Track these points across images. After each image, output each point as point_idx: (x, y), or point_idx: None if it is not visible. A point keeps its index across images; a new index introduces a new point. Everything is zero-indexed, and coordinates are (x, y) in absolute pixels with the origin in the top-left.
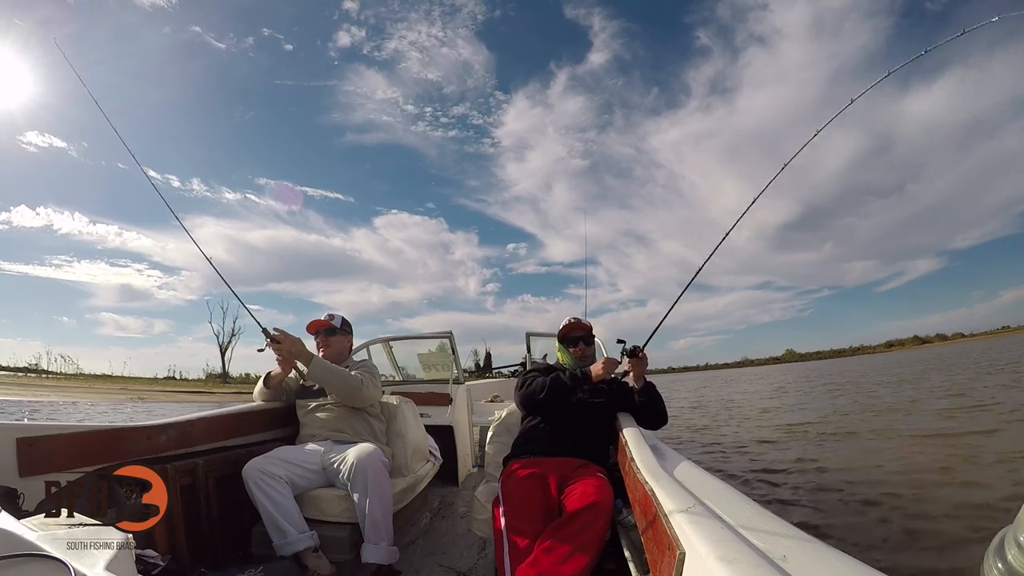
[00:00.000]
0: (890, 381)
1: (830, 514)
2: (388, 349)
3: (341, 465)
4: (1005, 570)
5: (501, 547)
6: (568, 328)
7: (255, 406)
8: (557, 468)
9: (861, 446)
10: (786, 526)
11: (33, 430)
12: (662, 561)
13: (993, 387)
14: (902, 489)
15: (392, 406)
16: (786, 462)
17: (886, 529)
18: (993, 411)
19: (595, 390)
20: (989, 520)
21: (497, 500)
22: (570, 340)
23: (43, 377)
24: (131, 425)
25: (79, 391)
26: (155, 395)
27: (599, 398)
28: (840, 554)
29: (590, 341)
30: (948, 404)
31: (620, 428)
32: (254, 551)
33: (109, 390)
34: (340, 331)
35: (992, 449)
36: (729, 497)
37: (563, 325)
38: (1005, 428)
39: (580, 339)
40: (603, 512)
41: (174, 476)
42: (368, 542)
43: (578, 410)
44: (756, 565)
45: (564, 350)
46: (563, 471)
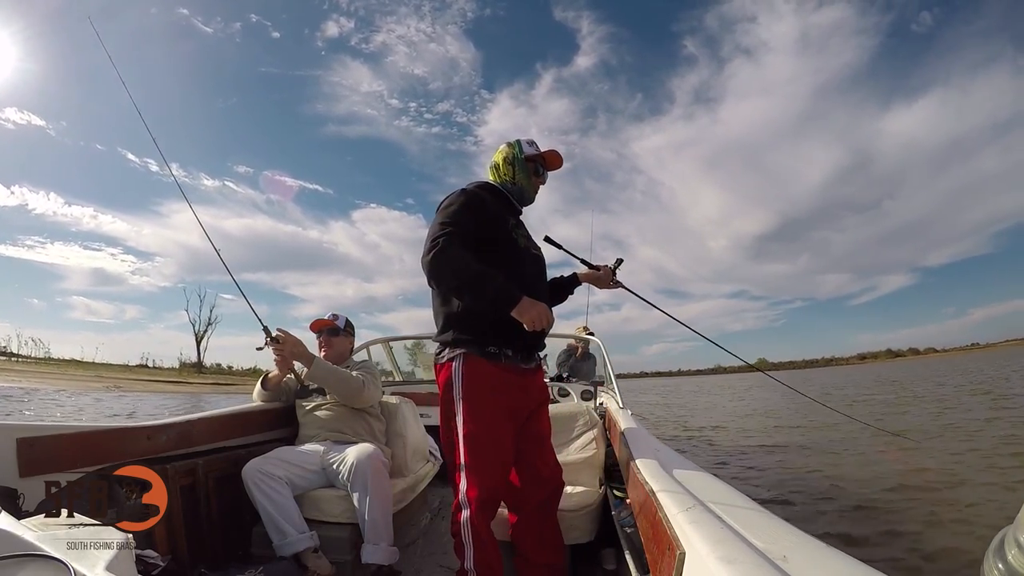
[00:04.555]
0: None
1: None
2: (388, 349)
3: (341, 465)
4: (1005, 570)
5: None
6: (551, 156)
7: (255, 406)
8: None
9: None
10: (786, 526)
11: (33, 430)
12: (662, 561)
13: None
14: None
15: (392, 406)
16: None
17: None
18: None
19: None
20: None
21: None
22: (542, 167)
23: (13, 360)
24: (131, 425)
25: (52, 377)
26: (131, 384)
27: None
28: (840, 554)
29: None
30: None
31: (620, 428)
32: (254, 551)
33: (83, 377)
34: (343, 332)
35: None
36: (729, 497)
37: (547, 150)
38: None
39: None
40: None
41: (174, 476)
42: (368, 542)
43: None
44: (756, 565)
45: (524, 170)
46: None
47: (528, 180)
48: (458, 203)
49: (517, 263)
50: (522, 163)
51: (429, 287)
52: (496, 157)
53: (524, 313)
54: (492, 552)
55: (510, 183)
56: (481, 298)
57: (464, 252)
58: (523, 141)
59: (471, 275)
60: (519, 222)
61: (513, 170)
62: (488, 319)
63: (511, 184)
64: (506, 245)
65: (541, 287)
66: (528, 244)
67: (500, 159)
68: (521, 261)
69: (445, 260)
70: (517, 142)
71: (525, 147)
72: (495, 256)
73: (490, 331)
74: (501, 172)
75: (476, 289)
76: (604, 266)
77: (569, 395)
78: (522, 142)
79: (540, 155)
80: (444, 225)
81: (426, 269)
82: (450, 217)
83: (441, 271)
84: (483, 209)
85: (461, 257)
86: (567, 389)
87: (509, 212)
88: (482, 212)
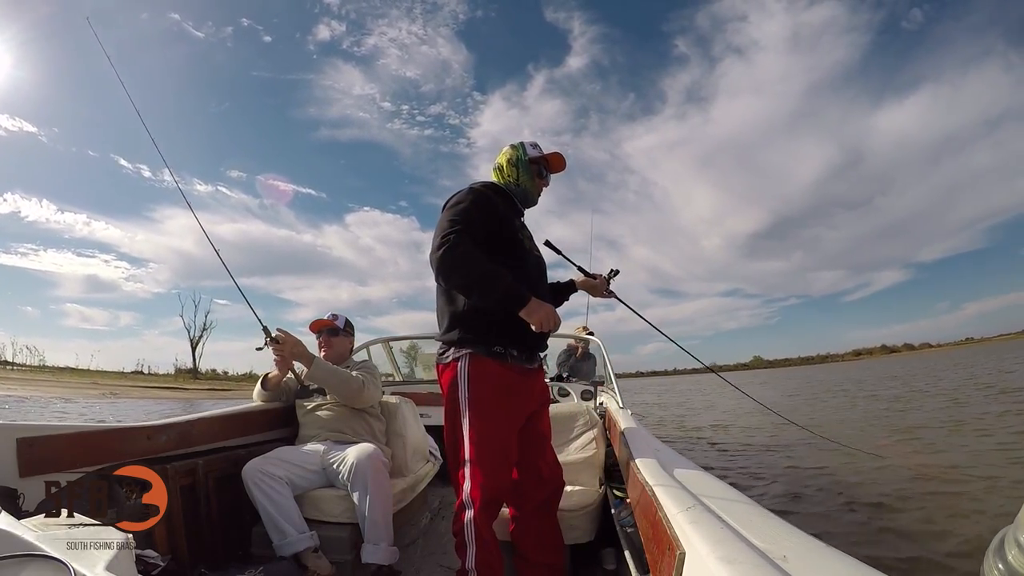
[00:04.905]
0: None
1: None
2: (388, 349)
3: (341, 465)
4: (1005, 570)
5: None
6: (555, 158)
7: (255, 406)
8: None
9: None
10: (786, 526)
11: (33, 430)
12: (662, 561)
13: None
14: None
15: (392, 406)
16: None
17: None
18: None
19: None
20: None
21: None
22: (545, 169)
23: (8, 369)
24: (131, 425)
25: (47, 385)
26: (127, 390)
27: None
28: (840, 554)
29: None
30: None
31: (620, 428)
32: (254, 551)
33: (79, 384)
34: (343, 332)
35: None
36: (729, 497)
37: (551, 152)
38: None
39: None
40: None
41: (174, 476)
42: (368, 542)
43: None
44: (756, 565)
45: (528, 172)
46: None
47: (532, 182)
48: (467, 201)
49: (523, 264)
50: (526, 165)
51: (437, 284)
52: (500, 159)
53: (533, 314)
54: (494, 552)
55: (514, 184)
56: (490, 297)
57: (475, 249)
58: (526, 143)
59: (482, 273)
60: (523, 223)
61: (517, 172)
62: (494, 319)
63: (515, 185)
64: (513, 245)
65: (543, 289)
66: (531, 246)
67: (504, 160)
68: (526, 262)
69: (456, 257)
70: (520, 144)
71: (529, 149)
72: (502, 256)
73: (496, 331)
74: (505, 173)
75: (486, 287)
76: (600, 276)
77: (569, 395)
78: (525, 144)
79: (543, 157)
80: (454, 222)
81: (435, 265)
82: (460, 214)
83: (451, 268)
84: (492, 208)
85: (472, 254)
86: (567, 389)
87: (514, 213)
88: (491, 211)
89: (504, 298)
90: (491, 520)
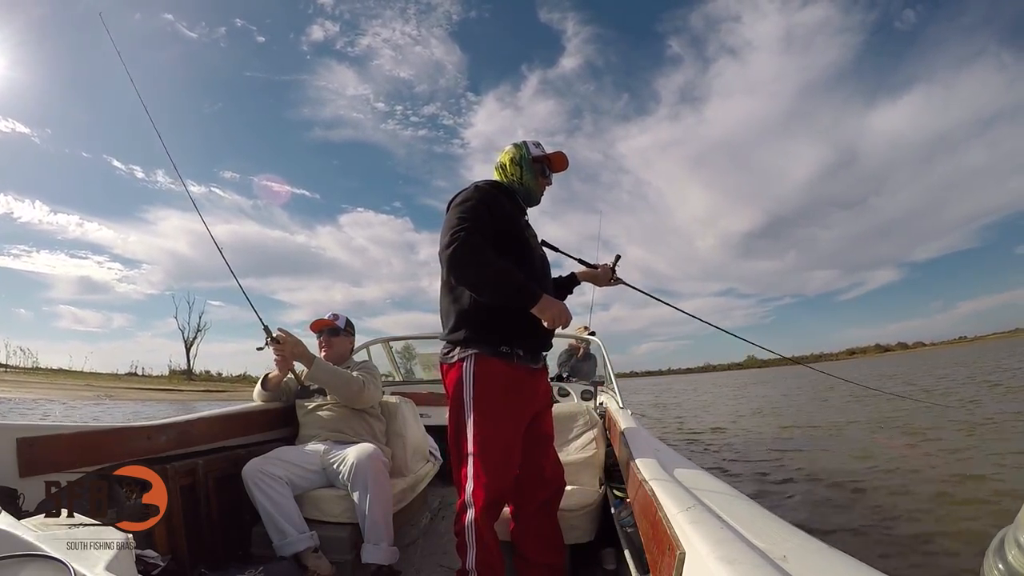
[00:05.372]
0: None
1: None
2: (388, 349)
3: (341, 465)
4: (1005, 570)
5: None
6: (557, 158)
7: (255, 406)
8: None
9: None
10: (786, 526)
11: (33, 430)
12: (662, 561)
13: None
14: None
15: (392, 406)
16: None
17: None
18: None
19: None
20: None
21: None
22: (548, 168)
23: (1, 371)
24: (131, 425)
25: (41, 387)
26: (122, 392)
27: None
28: (840, 554)
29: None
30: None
31: (620, 428)
32: (254, 551)
33: (73, 386)
34: (344, 332)
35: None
36: (729, 497)
37: (553, 151)
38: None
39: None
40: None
41: (174, 476)
42: (368, 542)
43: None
44: (756, 565)
45: (531, 171)
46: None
47: (535, 181)
48: (475, 198)
49: (529, 262)
50: (529, 164)
51: (443, 282)
52: (503, 157)
53: (545, 311)
54: (494, 553)
55: (517, 183)
56: (503, 293)
57: (485, 246)
58: (529, 142)
59: (493, 270)
60: (527, 222)
61: (520, 170)
62: (500, 318)
63: (518, 184)
64: (519, 243)
65: (548, 287)
66: (536, 244)
67: (507, 159)
68: (532, 260)
69: (467, 253)
70: (524, 143)
71: (532, 148)
72: (508, 254)
73: (502, 331)
74: (508, 172)
75: (498, 284)
76: (603, 264)
77: (569, 395)
78: (528, 143)
79: (546, 156)
80: (463, 220)
81: (445, 263)
82: (468, 211)
83: (463, 264)
84: (498, 206)
85: (483, 251)
86: (567, 389)
87: (519, 211)
88: (498, 209)
89: (517, 295)
90: (493, 521)
